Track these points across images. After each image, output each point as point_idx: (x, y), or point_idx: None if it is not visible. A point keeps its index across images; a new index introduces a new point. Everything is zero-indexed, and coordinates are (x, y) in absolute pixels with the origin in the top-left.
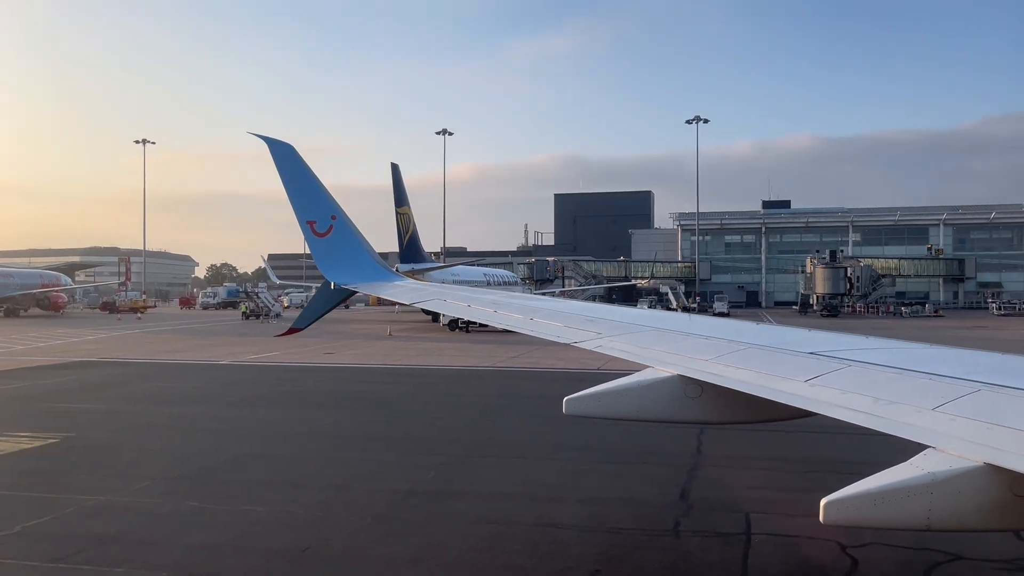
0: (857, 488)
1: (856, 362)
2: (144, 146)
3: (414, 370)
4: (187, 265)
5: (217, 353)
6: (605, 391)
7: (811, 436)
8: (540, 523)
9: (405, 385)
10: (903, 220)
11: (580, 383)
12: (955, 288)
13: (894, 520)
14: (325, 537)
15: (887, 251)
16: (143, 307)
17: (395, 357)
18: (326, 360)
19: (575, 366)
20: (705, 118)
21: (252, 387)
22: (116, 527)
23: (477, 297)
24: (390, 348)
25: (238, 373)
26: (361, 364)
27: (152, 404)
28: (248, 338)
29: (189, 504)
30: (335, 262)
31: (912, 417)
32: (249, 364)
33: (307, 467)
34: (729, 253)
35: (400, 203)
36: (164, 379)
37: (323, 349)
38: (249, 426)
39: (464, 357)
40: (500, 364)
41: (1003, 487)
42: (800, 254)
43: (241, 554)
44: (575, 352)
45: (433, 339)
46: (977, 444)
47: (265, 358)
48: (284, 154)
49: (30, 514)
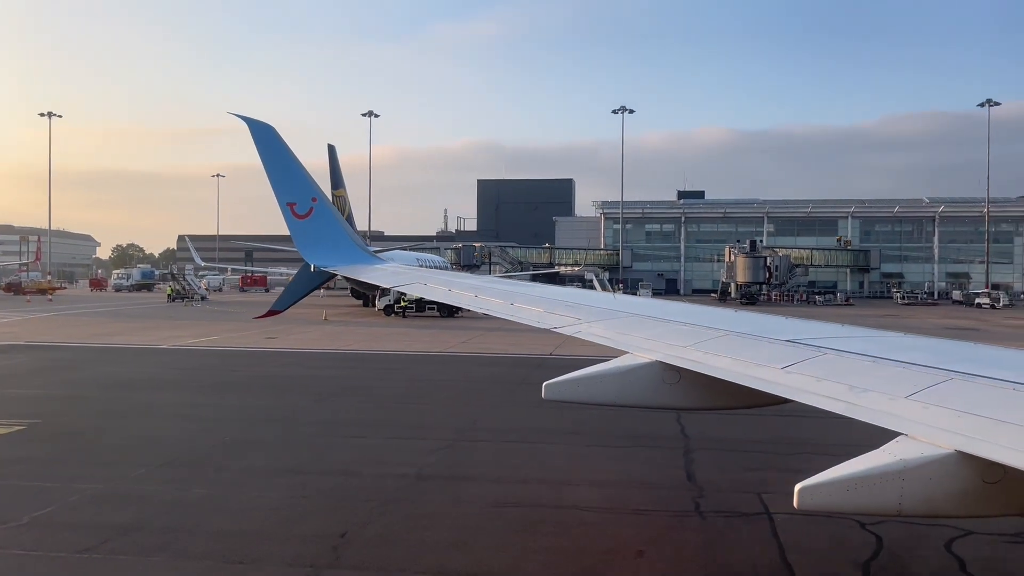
0: (831, 474)
1: (832, 350)
2: (50, 119)
3: (367, 355)
4: (88, 245)
5: (153, 337)
6: (584, 376)
7: (784, 419)
8: (562, 506)
9: (365, 370)
10: (815, 212)
11: (537, 369)
12: (861, 278)
13: (866, 506)
14: (357, 522)
15: (799, 242)
16: (51, 288)
17: (342, 342)
18: (271, 345)
19: (526, 351)
20: (631, 108)
21: (209, 372)
22: (130, 516)
23: (457, 282)
24: (332, 333)
25: (187, 358)
26: (310, 349)
27: (111, 390)
28: (179, 321)
29: (197, 492)
30: (315, 244)
31: (885, 404)
32: (192, 348)
33: (302, 453)
34: (649, 241)
35: (336, 185)
36: (111, 364)
37: (262, 334)
38: (224, 412)
39: (412, 342)
40: (452, 349)
41: (973, 474)
42: (717, 243)
43: (275, 540)
44: (525, 337)
45: (372, 324)
46: (948, 432)
47: (206, 343)
48: (264, 135)
49: (30, 504)
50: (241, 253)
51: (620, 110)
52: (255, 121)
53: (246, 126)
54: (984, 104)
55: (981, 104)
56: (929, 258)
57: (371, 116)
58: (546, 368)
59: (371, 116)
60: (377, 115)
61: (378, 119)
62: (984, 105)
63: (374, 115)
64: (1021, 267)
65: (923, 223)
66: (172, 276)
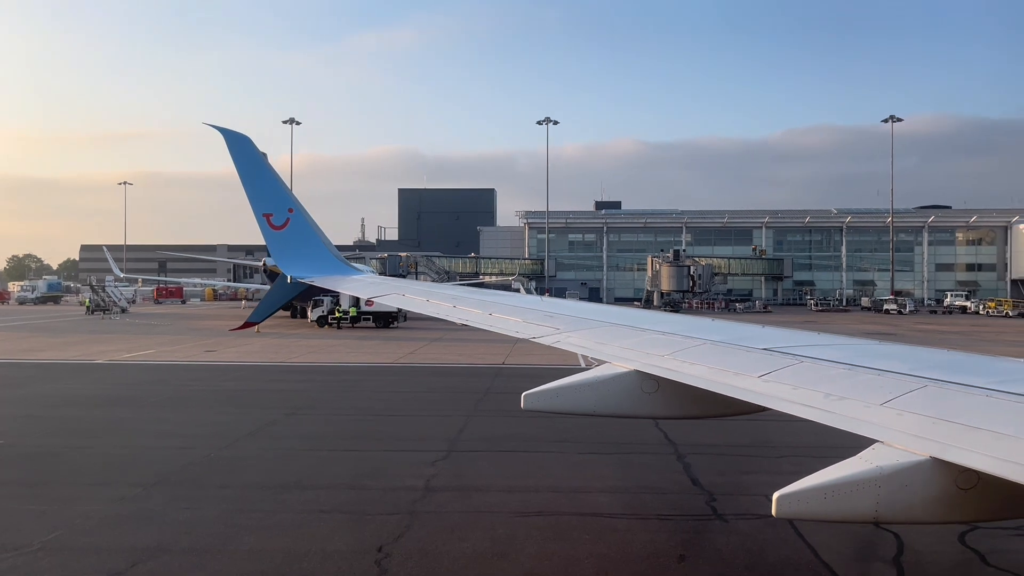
0: (808, 482)
1: (808, 358)
2: None
3: (318, 367)
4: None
5: (84, 351)
6: (563, 386)
7: (756, 424)
8: (584, 513)
9: (323, 382)
10: (731, 222)
11: (497, 378)
12: (775, 286)
13: (843, 513)
14: (389, 536)
15: (716, 251)
16: None
17: (286, 355)
18: (213, 359)
19: (477, 361)
20: (555, 120)
21: (161, 387)
22: (149, 538)
23: (436, 292)
24: (272, 345)
25: (130, 373)
26: (256, 363)
27: (65, 407)
28: (105, 335)
29: (208, 510)
30: (292, 256)
31: (861, 412)
32: (130, 363)
33: (297, 468)
34: (572, 251)
35: None
36: (53, 380)
37: (199, 347)
38: (194, 428)
39: (358, 354)
40: (403, 361)
41: (948, 480)
42: (638, 253)
43: (314, 558)
44: (470, 347)
45: (308, 336)
46: (923, 439)
47: (142, 357)
48: (240, 146)
49: (34, 528)
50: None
51: (545, 121)
52: (231, 132)
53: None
54: (888, 120)
55: (885, 120)
56: (838, 266)
57: (292, 123)
58: (505, 377)
59: (292, 123)
60: (299, 123)
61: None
62: (888, 121)
63: (296, 122)
64: (921, 275)
65: (831, 233)
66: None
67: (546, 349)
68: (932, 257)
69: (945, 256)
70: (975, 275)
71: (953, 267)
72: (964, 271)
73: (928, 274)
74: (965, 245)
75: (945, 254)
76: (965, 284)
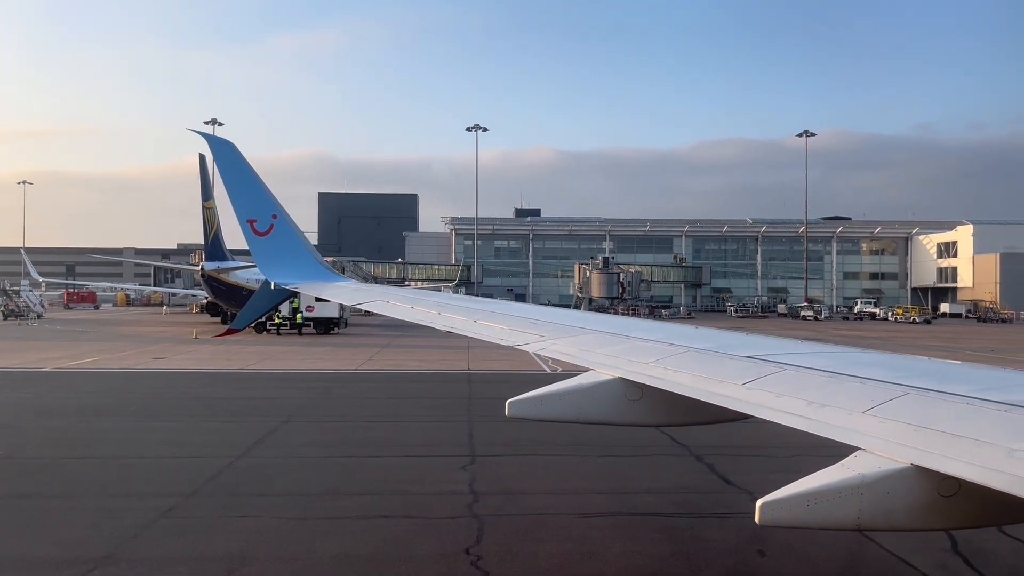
0: (791, 490)
1: (791, 366)
2: None
3: (285, 375)
4: None
5: (21, 360)
6: (548, 394)
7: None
8: (642, 513)
9: (298, 389)
10: (652, 231)
11: (470, 384)
12: (694, 293)
13: (826, 520)
14: (468, 539)
15: (638, 259)
16: None
17: (240, 361)
18: (166, 366)
19: (442, 367)
20: (484, 127)
21: (130, 396)
22: (227, 546)
23: (420, 299)
24: (221, 352)
25: (87, 381)
26: (216, 369)
27: (39, 418)
28: (35, 343)
29: (268, 520)
30: (276, 262)
31: (843, 420)
32: (80, 371)
33: (327, 475)
34: (498, 257)
35: (207, 197)
36: (7, 389)
37: (143, 354)
38: (195, 437)
39: (315, 360)
40: (365, 367)
41: (929, 488)
42: (562, 260)
43: (408, 561)
44: (425, 352)
45: (251, 342)
46: (904, 446)
47: (88, 364)
48: (224, 151)
49: (96, 541)
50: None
51: (474, 128)
52: (215, 138)
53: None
54: (802, 135)
55: (800, 134)
56: (753, 274)
57: (215, 124)
58: (477, 383)
59: (215, 124)
60: (221, 123)
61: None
62: (802, 135)
63: (218, 123)
64: (831, 283)
65: (747, 242)
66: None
67: (504, 354)
68: (840, 266)
69: (852, 265)
70: (879, 283)
71: (859, 275)
72: (869, 279)
73: (836, 282)
74: (869, 255)
75: (852, 263)
76: (870, 292)
